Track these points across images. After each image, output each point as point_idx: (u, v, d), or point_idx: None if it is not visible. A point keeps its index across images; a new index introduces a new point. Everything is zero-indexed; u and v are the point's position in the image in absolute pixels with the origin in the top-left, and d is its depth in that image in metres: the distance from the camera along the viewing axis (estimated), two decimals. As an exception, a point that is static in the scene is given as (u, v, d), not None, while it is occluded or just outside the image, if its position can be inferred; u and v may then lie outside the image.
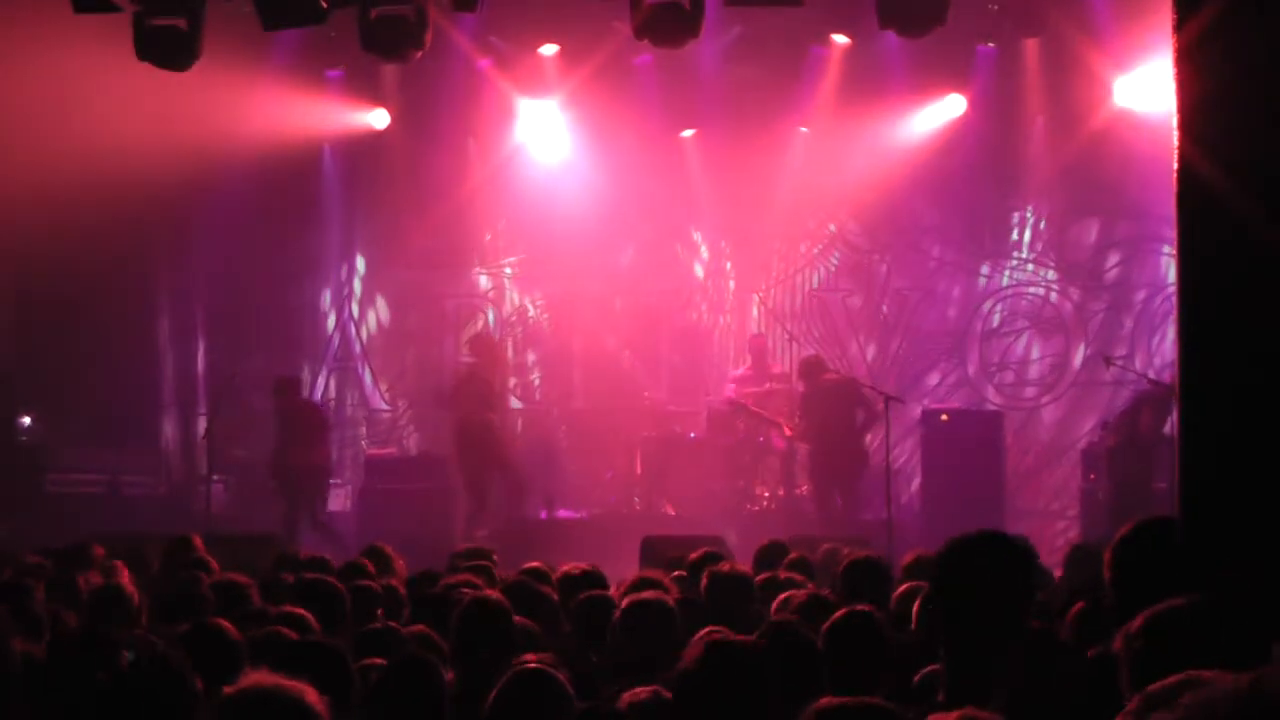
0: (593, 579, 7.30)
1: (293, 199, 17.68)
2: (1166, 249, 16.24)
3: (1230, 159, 4.38)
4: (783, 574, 7.61)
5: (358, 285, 18.34)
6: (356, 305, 18.33)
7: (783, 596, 6.57)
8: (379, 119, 17.48)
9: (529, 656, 5.13)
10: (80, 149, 14.70)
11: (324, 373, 18.23)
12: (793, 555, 8.48)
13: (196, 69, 12.32)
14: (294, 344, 18.18)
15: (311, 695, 3.20)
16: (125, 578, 7.17)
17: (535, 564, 8.17)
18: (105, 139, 14.74)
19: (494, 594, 5.99)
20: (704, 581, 6.94)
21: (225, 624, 5.09)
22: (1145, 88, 15.39)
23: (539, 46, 16.62)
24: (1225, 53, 4.41)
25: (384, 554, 8.84)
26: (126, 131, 14.80)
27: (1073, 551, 9.27)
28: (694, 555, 8.24)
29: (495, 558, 9.07)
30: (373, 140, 17.62)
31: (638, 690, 4.65)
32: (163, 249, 17.78)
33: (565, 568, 7.78)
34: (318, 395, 18.10)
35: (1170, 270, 15.62)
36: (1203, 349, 4.50)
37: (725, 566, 7.02)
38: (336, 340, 18.24)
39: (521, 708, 4.42)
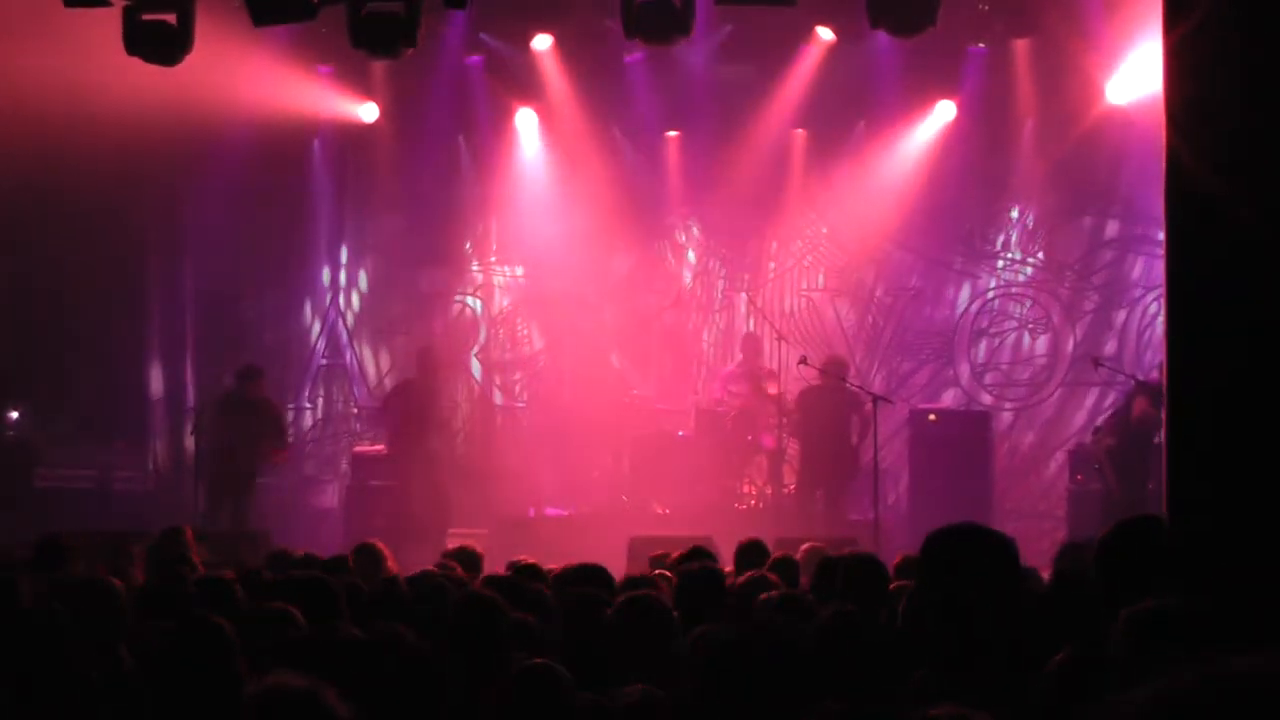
0: (594, 576, 7.28)
1: (283, 192, 17.69)
2: (1157, 250, 16.25)
3: (1220, 158, 4.38)
4: (765, 574, 7.59)
5: (345, 279, 18.33)
6: (344, 299, 18.32)
7: (762, 596, 6.56)
8: (368, 112, 17.47)
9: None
10: (70, 144, 14.68)
11: (314, 367, 18.23)
12: (777, 555, 8.46)
13: (187, 62, 12.31)
14: (283, 338, 18.19)
15: (331, 696, 3.20)
16: (106, 572, 7.14)
17: (527, 560, 8.17)
18: (96, 135, 14.71)
19: (486, 590, 5.98)
20: (674, 580, 6.95)
21: (218, 620, 5.07)
22: (1135, 87, 15.40)
23: (529, 44, 16.62)
24: (1215, 52, 4.41)
25: (374, 551, 8.82)
26: (116, 126, 14.77)
27: (1063, 550, 9.24)
28: (678, 554, 8.24)
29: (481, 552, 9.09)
30: (362, 134, 17.62)
31: (629, 689, 4.64)
32: (153, 242, 17.76)
33: (564, 566, 7.76)
34: (306, 392, 18.13)
35: (1160, 271, 15.62)
36: (1192, 349, 4.51)
37: (695, 565, 7.00)
38: (326, 334, 18.23)
39: (528, 704, 4.41)
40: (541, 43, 16.57)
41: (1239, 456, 4.38)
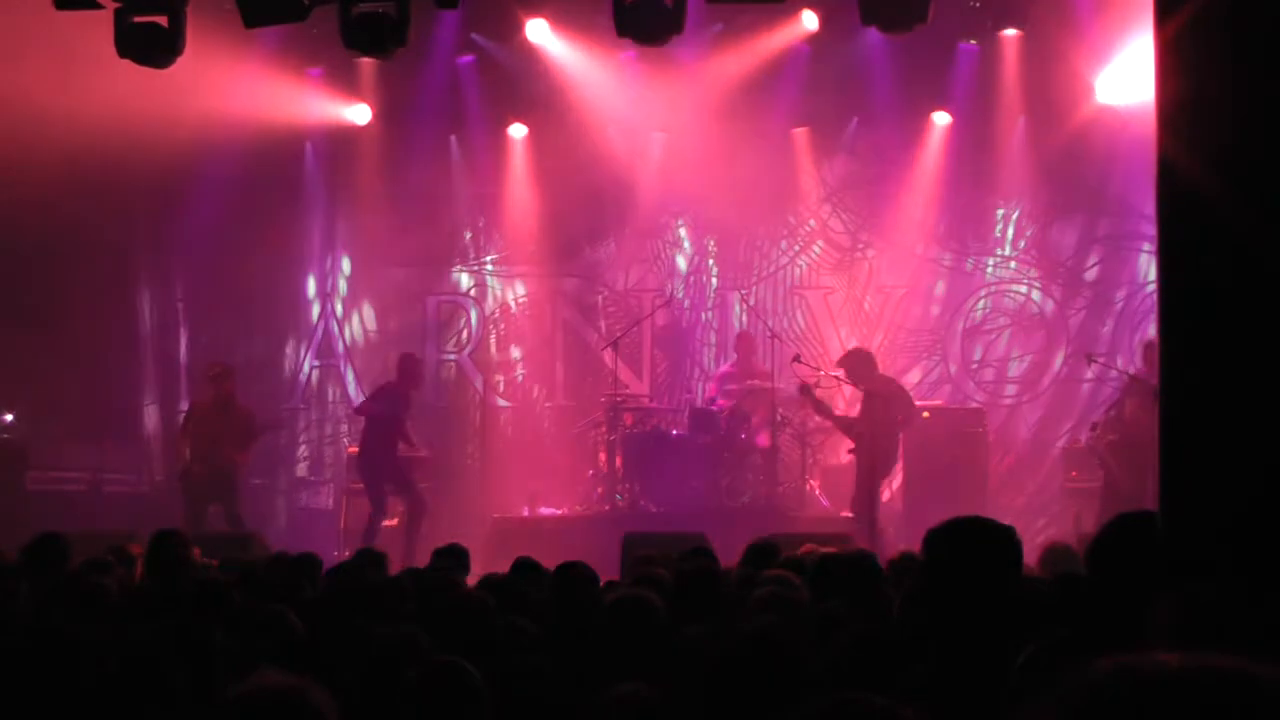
0: (582, 574, 7.28)
1: (275, 194, 17.67)
2: (1148, 246, 16.27)
3: (1212, 155, 4.38)
4: (763, 573, 7.59)
5: (340, 282, 18.33)
6: (339, 302, 18.31)
7: (759, 595, 6.56)
8: (360, 114, 17.46)
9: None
10: (62, 147, 14.65)
11: (307, 369, 18.23)
12: (787, 555, 8.46)
13: (178, 65, 12.30)
14: (277, 340, 18.19)
15: (320, 696, 3.16)
16: (106, 574, 7.14)
17: (523, 558, 8.18)
18: (87, 136, 14.68)
19: (477, 591, 5.98)
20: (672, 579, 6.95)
21: (210, 622, 5.07)
22: (1126, 83, 15.41)
23: (520, 43, 16.62)
24: (1207, 48, 4.41)
25: (377, 556, 8.84)
26: (108, 128, 14.74)
27: (1048, 550, 9.23)
28: (675, 553, 8.24)
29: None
30: (354, 135, 17.61)
31: (624, 687, 4.63)
32: (145, 244, 17.75)
33: (555, 564, 7.77)
34: (299, 394, 18.13)
35: (1151, 268, 15.65)
36: (1184, 346, 4.51)
37: (694, 564, 7.00)
38: (319, 336, 18.22)
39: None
40: (533, 35, 16.52)
41: (1233, 455, 4.39)
